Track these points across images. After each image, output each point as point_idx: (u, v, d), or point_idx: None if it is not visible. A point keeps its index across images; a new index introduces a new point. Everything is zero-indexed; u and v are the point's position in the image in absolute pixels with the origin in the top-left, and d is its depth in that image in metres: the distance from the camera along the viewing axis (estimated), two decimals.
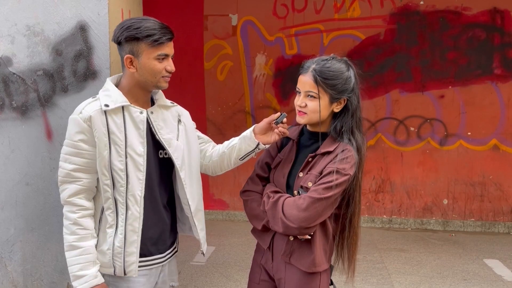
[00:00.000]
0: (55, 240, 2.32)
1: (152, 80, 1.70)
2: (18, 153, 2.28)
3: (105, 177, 1.67)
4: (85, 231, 1.69)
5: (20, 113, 2.27)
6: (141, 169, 1.70)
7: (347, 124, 1.74)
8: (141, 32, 1.63)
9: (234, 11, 5.42)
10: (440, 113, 5.28)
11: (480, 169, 5.27)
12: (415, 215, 5.46)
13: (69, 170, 1.67)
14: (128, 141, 1.68)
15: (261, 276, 1.91)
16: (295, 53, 5.39)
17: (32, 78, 2.25)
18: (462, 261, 4.35)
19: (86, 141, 1.66)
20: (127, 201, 1.69)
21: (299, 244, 1.76)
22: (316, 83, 1.70)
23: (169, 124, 1.81)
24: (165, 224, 1.84)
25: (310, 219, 1.65)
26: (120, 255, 1.70)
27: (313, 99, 1.72)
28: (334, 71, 1.71)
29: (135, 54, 1.67)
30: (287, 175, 1.81)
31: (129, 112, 1.69)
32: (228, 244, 4.77)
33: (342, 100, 1.74)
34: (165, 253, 1.86)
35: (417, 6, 5.14)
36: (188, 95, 5.48)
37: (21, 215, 2.31)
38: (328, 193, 1.65)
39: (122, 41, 1.68)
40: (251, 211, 1.89)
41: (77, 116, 1.67)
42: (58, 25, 2.20)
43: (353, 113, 1.75)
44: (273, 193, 1.80)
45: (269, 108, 5.50)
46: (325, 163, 1.72)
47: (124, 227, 1.69)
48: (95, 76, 2.22)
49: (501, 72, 5.12)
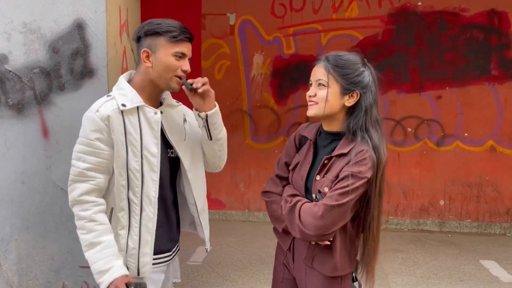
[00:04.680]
0: (51, 239, 2.31)
1: (166, 77, 1.67)
2: (14, 151, 2.26)
3: (121, 177, 1.64)
4: (102, 226, 1.63)
5: (16, 111, 2.25)
6: (155, 170, 1.68)
7: (360, 122, 1.67)
8: (162, 27, 1.64)
9: (232, 10, 5.41)
10: (438, 114, 5.29)
11: (477, 170, 5.28)
12: (412, 215, 5.46)
13: (83, 169, 1.62)
14: (144, 142, 1.66)
15: (284, 274, 1.89)
16: (293, 53, 5.38)
17: (28, 75, 2.23)
18: (459, 262, 4.35)
19: (103, 140, 1.62)
20: (142, 202, 1.67)
21: (321, 249, 1.72)
22: (326, 71, 1.66)
23: (177, 124, 1.80)
24: (173, 222, 1.84)
25: (327, 227, 1.61)
26: (135, 256, 1.68)
27: (323, 87, 1.67)
28: (346, 60, 1.67)
29: (152, 49, 1.65)
30: (305, 178, 1.76)
31: (143, 112, 1.67)
32: (225, 243, 4.76)
33: (354, 93, 1.67)
34: (171, 251, 1.86)
35: (415, 7, 5.14)
36: (186, 94, 5.45)
37: (16, 213, 2.29)
38: (344, 199, 1.59)
39: (142, 36, 1.67)
40: (272, 213, 1.85)
41: (94, 115, 1.62)
42: (55, 23, 2.19)
43: (366, 110, 1.66)
44: (290, 197, 1.76)
45: (266, 108, 5.50)
46: (340, 166, 1.66)
47: (139, 228, 1.67)
48: (92, 74, 2.20)
49: (498, 73, 5.12)
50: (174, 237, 1.87)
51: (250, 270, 4.10)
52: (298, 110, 5.45)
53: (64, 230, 2.30)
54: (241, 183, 5.64)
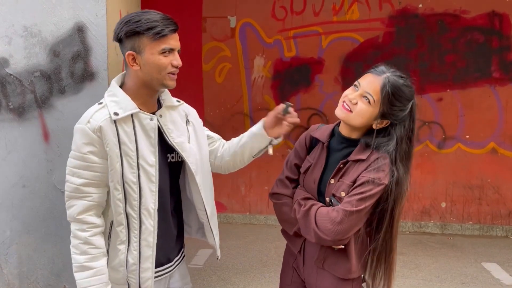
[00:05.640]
0: (52, 243, 2.31)
1: (158, 77, 1.57)
2: (15, 155, 2.27)
3: (117, 191, 1.56)
4: (97, 250, 1.58)
5: (17, 115, 2.25)
6: (153, 180, 1.60)
7: (388, 147, 1.64)
8: (142, 26, 1.51)
9: (233, 13, 5.41)
10: (439, 116, 5.28)
11: (478, 172, 5.27)
12: (413, 218, 5.45)
13: (78, 184, 1.55)
14: (140, 151, 1.56)
15: (293, 278, 1.88)
16: (294, 55, 5.38)
17: (29, 79, 2.23)
18: (460, 265, 4.34)
19: (96, 153, 1.54)
20: (141, 216, 1.58)
21: (333, 251, 1.71)
22: (381, 91, 1.60)
23: (179, 126, 1.71)
24: (173, 231, 1.76)
25: (345, 232, 1.61)
26: (135, 272, 1.62)
27: (367, 103, 1.62)
28: (404, 93, 1.63)
29: (137, 50, 1.54)
30: (318, 181, 1.74)
31: (138, 119, 1.58)
32: (226, 246, 4.75)
33: (385, 121, 1.66)
34: (174, 259, 1.80)
35: (415, 9, 5.14)
36: (187, 97, 5.41)
37: (17, 217, 2.29)
38: (362, 205, 1.59)
39: (123, 38, 1.55)
40: (281, 215, 1.83)
41: (85, 126, 1.53)
42: (55, 26, 2.19)
43: (398, 140, 1.64)
44: (304, 200, 1.74)
45: (267, 110, 5.43)
46: (358, 172, 1.65)
47: (139, 243, 1.60)
48: (93, 78, 2.20)
49: (499, 75, 5.12)
50: (174, 246, 1.79)
51: (251, 273, 4.09)
52: (299, 113, 5.41)
53: (65, 234, 2.28)
54: (242, 185, 5.64)
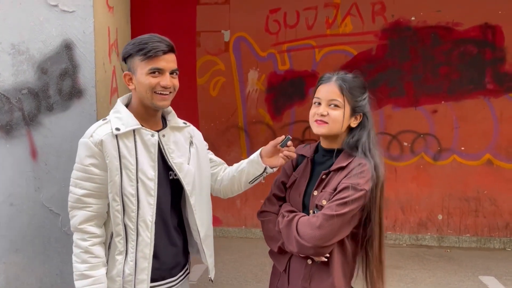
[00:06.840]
0: (40, 262, 2.28)
1: (147, 97, 1.63)
2: (2, 173, 2.24)
3: (116, 202, 1.62)
4: (96, 260, 1.64)
5: (4, 132, 2.24)
6: (152, 194, 1.65)
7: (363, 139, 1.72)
8: (134, 47, 1.61)
9: (227, 27, 5.43)
10: (433, 128, 5.27)
11: (474, 184, 5.25)
12: (410, 230, 5.41)
13: (80, 195, 1.62)
14: (139, 165, 1.63)
15: None
16: (288, 69, 5.39)
17: (16, 96, 2.22)
18: (458, 278, 4.30)
19: (97, 166, 1.61)
20: (138, 227, 1.64)
21: (318, 268, 1.70)
22: (341, 92, 1.68)
23: (180, 147, 1.77)
24: (177, 246, 1.80)
25: (325, 238, 1.59)
26: (131, 283, 1.65)
27: (336, 108, 1.69)
28: (358, 83, 1.73)
29: (132, 71, 1.65)
30: (303, 194, 1.76)
31: (140, 135, 1.65)
32: (221, 261, 4.70)
33: (359, 115, 1.74)
34: (177, 275, 1.81)
35: (408, 22, 5.17)
36: (181, 110, 5.41)
37: (4, 236, 2.27)
38: (342, 210, 1.59)
39: (125, 59, 1.67)
40: (267, 232, 1.84)
41: (88, 140, 1.62)
42: (43, 44, 2.19)
43: (369, 130, 1.74)
44: (288, 212, 1.75)
45: (262, 124, 5.48)
46: (339, 179, 1.67)
47: (135, 254, 1.65)
48: (81, 95, 2.19)
49: (493, 87, 5.13)
50: (179, 261, 1.82)
51: None
52: (294, 126, 5.44)
53: (53, 252, 2.27)
54: (237, 199, 5.60)
